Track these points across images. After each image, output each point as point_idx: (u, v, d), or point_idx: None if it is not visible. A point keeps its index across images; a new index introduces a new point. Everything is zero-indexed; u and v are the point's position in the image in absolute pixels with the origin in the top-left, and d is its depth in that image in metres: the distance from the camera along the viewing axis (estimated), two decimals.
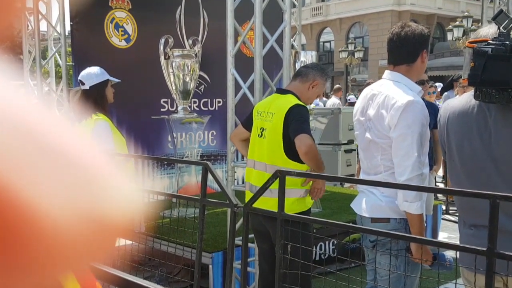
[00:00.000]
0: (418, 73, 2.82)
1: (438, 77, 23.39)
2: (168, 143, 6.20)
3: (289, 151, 3.24)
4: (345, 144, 7.91)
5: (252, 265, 4.01)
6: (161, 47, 5.46)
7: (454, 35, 21.86)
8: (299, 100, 3.33)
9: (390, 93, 2.65)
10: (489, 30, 2.21)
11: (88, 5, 5.58)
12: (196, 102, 6.50)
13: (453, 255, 2.47)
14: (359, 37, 34.54)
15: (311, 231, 3.20)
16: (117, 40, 5.86)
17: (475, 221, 2.24)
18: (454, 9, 32.85)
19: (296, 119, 3.20)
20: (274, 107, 3.34)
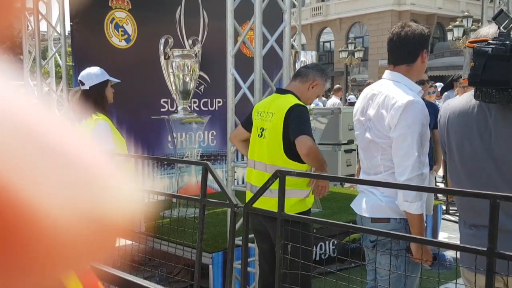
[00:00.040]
0: (418, 73, 2.82)
1: (438, 77, 23.38)
2: (168, 143, 6.20)
3: (289, 151, 3.23)
4: (345, 144, 7.90)
5: (252, 265, 4.00)
6: (161, 47, 5.46)
7: (454, 35, 21.84)
8: (299, 100, 3.32)
9: (390, 93, 2.64)
10: (489, 30, 2.21)
11: (88, 5, 5.57)
12: (196, 102, 6.49)
13: (453, 255, 2.47)
14: (359, 37, 34.51)
15: (311, 231, 3.20)
16: (117, 40, 5.86)
17: (476, 221, 2.24)
18: (454, 9, 32.82)
19: (296, 120, 3.19)
20: (274, 107, 3.33)
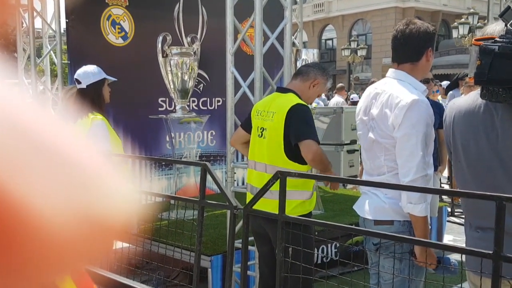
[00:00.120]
0: (423, 72, 2.80)
1: (443, 76, 23.36)
2: (166, 143, 6.16)
3: (290, 152, 3.19)
4: (348, 145, 7.85)
5: (252, 269, 3.99)
6: (159, 45, 5.43)
7: (460, 33, 21.86)
8: (300, 99, 3.27)
9: (394, 92, 2.62)
10: (496, 28, 2.18)
11: (84, 2, 5.54)
12: (195, 101, 6.45)
13: (458, 259, 2.43)
14: (362, 35, 34.49)
15: (313, 234, 3.16)
16: (114, 38, 5.80)
17: (481, 223, 2.20)
18: (460, 6, 32.77)
19: (299, 122, 3.15)
20: (275, 106, 3.28)
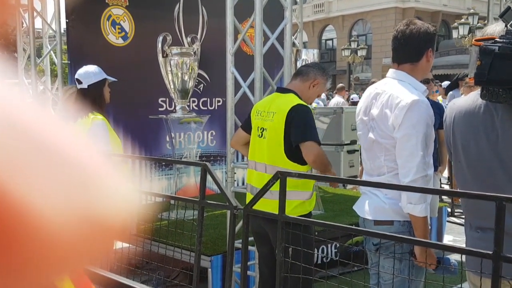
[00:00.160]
0: (423, 72, 2.80)
1: (443, 76, 23.33)
2: (166, 144, 6.15)
3: (290, 152, 3.18)
4: (348, 145, 7.83)
5: (252, 269, 3.98)
6: (159, 45, 5.42)
7: (460, 33, 21.80)
8: (301, 100, 3.26)
9: (394, 92, 2.62)
10: (496, 28, 2.17)
11: (84, 2, 5.52)
12: (195, 101, 6.44)
13: (458, 259, 2.43)
14: (362, 35, 34.45)
15: (313, 234, 3.15)
16: (114, 38, 5.79)
17: (482, 224, 2.20)
18: (460, 6, 32.72)
19: (299, 123, 3.14)
20: (275, 107, 3.28)
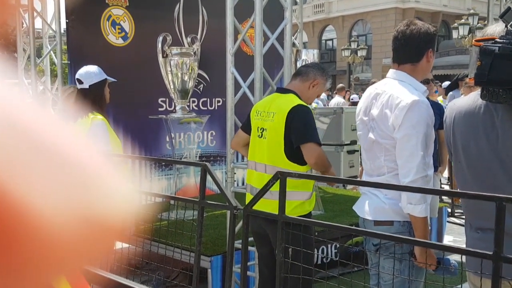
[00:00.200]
0: (424, 73, 2.80)
1: (443, 76, 23.32)
2: (166, 144, 6.14)
3: (290, 152, 3.18)
4: (348, 145, 7.82)
5: (252, 269, 3.97)
6: (159, 45, 5.41)
7: (460, 33, 21.77)
8: (301, 100, 3.25)
9: (395, 93, 2.61)
10: (496, 28, 2.17)
11: (84, 2, 5.51)
12: (195, 102, 6.43)
13: (458, 259, 2.42)
14: (362, 35, 34.44)
15: (313, 234, 3.15)
16: (114, 38, 5.78)
17: (482, 224, 2.19)
18: (460, 7, 32.68)
19: (300, 123, 3.14)
20: (275, 107, 3.27)
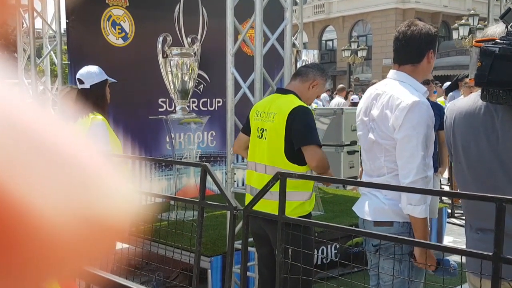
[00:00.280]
0: (424, 74, 2.80)
1: (444, 77, 23.30)
2: (166, 144, 6.14)
3: (290, 153, 3.18)
4: (348, 145, 7.82)
5: (252, 270, 3.97)
6: (159, 46, 5.40)
7: (460, 34, 21.71)
8: (301, 101, 3.25)
9: (395, 93, 2.61)
10: (497, 29, 2.17)
11: (85, 2, 5.51)
12: (195, 102, 6.43)
13: (458, 260, 2.42)
14: (363, 36, 34.42)
15: (313, 235, 3.15)
16: (114, 38, 5.78)
17: (482, 225, 2.19)
18: (460, 7, 32.65)
19: (301, 125, 3.13)
20: (275, 107, 3.26)
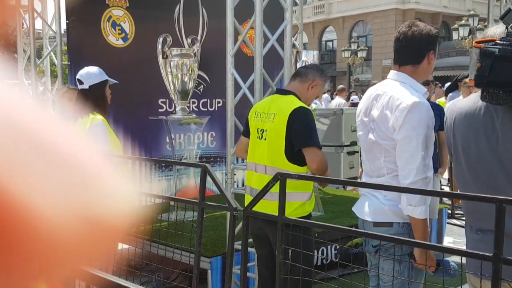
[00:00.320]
0: (424, 74, 2.80)
1: (443, 77, 23.27)
2: (166, 145, 6.14)
3: (290, 154, 3.18)
4: (348, 146, 7.82)
5: (252, 270, 3.96)
6: (159, 46, 5.39)
7: (460, 34, 21.71)
8: (301, 102, 3.25)
9: (395, 94, 2.61)
10: (497, 30, 2.17)
11: (85, 3, 5.51)
12: (195, 103, 6.44)
13: (458, 261, 2.42)
14: (362, 36, 34.40)
15: (313, 235, 3.15)
16: (114, 39, 5.79)
17: (482, 226, 2.19)
18: (460, 8, 32.61)
19: (301, 126, 3.13)
20: (275, 108, 3.26)
